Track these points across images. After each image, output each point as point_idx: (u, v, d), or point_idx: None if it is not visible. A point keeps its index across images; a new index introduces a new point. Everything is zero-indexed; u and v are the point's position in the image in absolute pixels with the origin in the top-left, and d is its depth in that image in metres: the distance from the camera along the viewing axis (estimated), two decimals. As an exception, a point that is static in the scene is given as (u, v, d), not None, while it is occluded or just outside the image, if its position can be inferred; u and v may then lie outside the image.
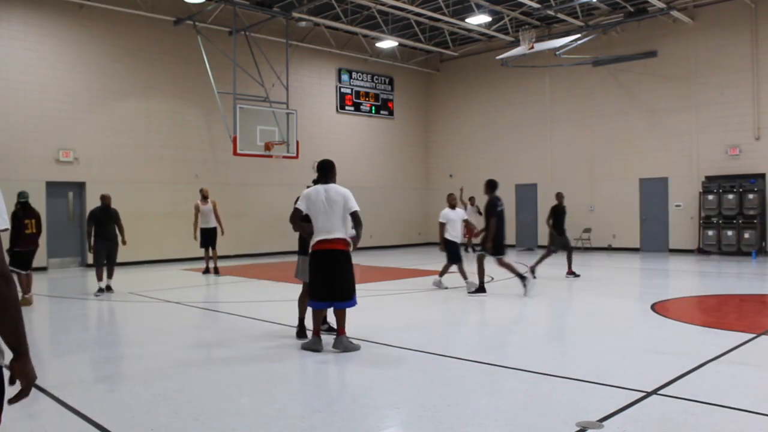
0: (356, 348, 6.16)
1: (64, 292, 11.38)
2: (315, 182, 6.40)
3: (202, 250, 13.89)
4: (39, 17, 15.20)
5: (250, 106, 16.37)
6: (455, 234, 10.66)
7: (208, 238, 13.66)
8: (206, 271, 13.86)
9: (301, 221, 6.18)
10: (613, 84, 19.31)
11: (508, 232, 21.59)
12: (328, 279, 6.05)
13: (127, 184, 16.33)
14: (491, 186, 10.13)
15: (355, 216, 6.11)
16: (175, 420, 4.20)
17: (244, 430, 4.00)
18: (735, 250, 16.62)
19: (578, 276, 12.35)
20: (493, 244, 9.92)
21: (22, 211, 9.54)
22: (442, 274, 10.99)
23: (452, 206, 10.89)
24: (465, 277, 10.50)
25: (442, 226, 10.72)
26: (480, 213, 18.18)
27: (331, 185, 6.20)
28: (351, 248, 6.21)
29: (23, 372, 1.96)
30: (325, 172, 6.29)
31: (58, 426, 4.18)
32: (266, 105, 16.97)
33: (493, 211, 9.90)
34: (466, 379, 5.23)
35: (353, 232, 6.25)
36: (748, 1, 16.60)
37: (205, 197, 13.85)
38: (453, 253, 10.67)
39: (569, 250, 12.62)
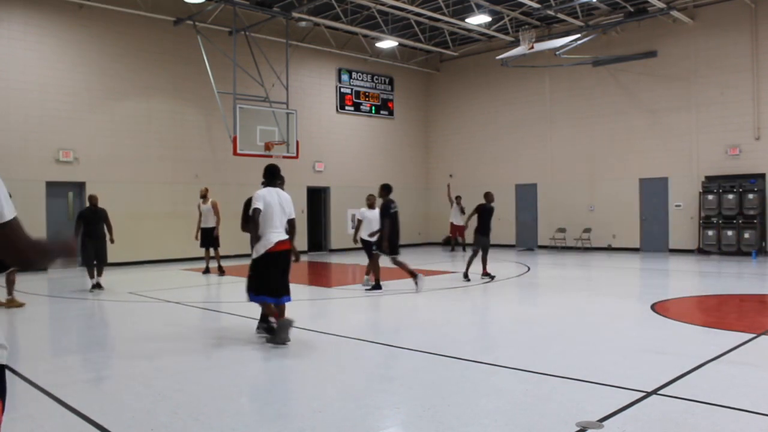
0: (288, 330, 6.44)
1: (63, 292, 11.38)
2: (264, 185, 6.71)
3: (203, 249, 13.89)
4: (39, 17, 15.20)
5: (250, 106, 16.37)
6: (369, 233, 11.06)
7: (208, 238, 13.65)
8: (206, 271, 13.85)
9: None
10: (613, 84, 19.31)
11: (508, 232, 21.89)
12: (283, 276, 6.51)
13: (127, 184, 16.33)
14: (385, 189, 10.77)
15: (292, 222, 6.61)
16: (175, 420, 4.20)
17: (244, 430, 4.00)
18: (735, 250, 16.62)
19: (493, 277, 12.08)
20: (388, 243, 10.51)
21: None
22: (368, 273, 11.30)
23: (371, 206, 11.30)
24: (367, 273, 11.13)
25: (360, 224, 11.20)
26: (463, 212, 18.64)
27: (279, 189, 6.66)
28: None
29: (62, 245, 1.98)
30: (273, 176, 6.70)
31: (58, 426, 4.18)
32: (266, 105, 16.97)
33: (387, 213, 10.53)
34: (466, 379, 5.23)
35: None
36: (748, 1, 16.60)
37: (203, 196, 13.82)
38: (367, 251, 11.12)
39: (486, 252, 12.32)
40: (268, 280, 6.44)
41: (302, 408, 4.43)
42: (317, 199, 21.12)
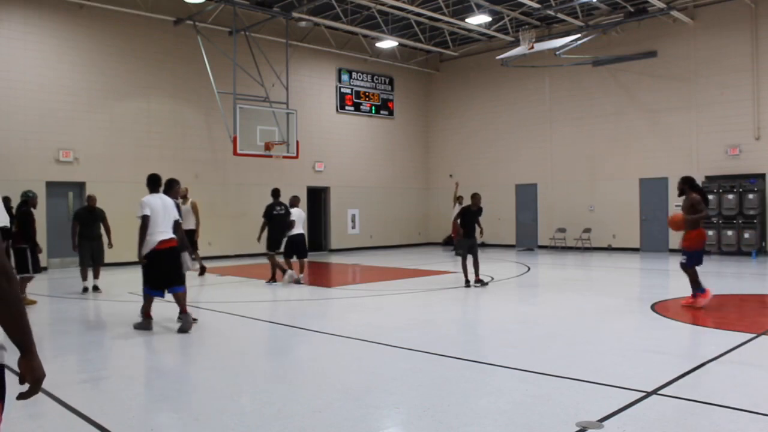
0: (191, 324, 7.34)
1: (63, 292, 11.37)
2: (151, 192, 7.62)
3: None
4: (39, 17, 15.20)
5: (250, 106, 16.37)
6: (296, 230, 12.19)
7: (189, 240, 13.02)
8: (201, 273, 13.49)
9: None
10: (613, 84, 19.31)
11: (508, 232, 21.84)
12: (170, 270, 7.40)
13: (127, 184, 16.31)
14: (274, 193, 12.14)
15: (177, 223, 7.58)
16: (175, 420, 4.20)
17: (244, 430, 4.00)
18: (735, 250, 16.62)
19: (486, 284, 11.32)
20: (268, 242, 11.94)
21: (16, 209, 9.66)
22: (289, 267, 12.13)
23: (294, 204, 12.39)
24: (283, 270, 11.92)
25: (293, 224, 12.12)
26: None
27: (162, 195, 7.58)
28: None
29: (29, 369, 1.95)
30: (156, 184, 7.63)
31: (58, 426, 4.18)
32: (266, 105, 16.97)
33: (269, 214, 11.87)
34: (466, 379, 5.22)
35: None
36: (748, 1, 16.60)
37: (183, 197, 12.25)
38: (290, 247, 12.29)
39: (475, 254, 11.25)
40: (160, 274, 7.34)
41: (302, 408, 4.43)
42: (317, 199, 21.12)
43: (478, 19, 18.59)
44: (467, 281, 11.07)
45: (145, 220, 7.22)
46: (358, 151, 21.97)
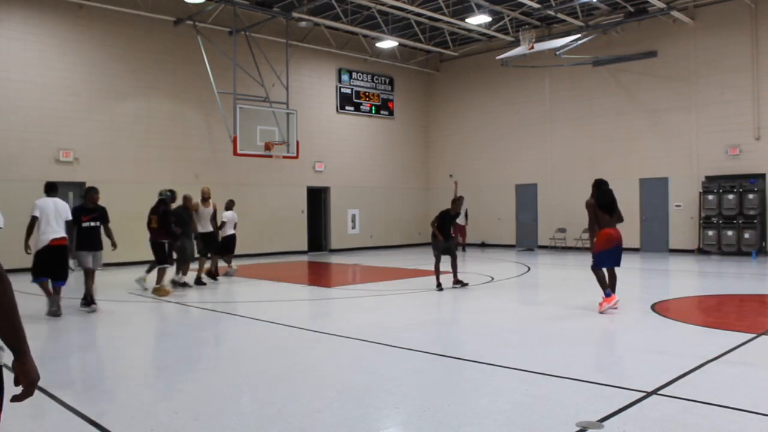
0: (60, 311, 8.45)
1: (63, 293, 11.34)
2: (47, 196, 8.65)
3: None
4: (39, 17, 15.20)
5: (250, 106, 16.37)
6: (229, 231, 13.22)
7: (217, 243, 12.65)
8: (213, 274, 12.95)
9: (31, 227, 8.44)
10: (613, 84, 19.32)
11: (508, 232, 21.84)
12: (56, 264, 8.40)
13: (127, 184, 16.33)
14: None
15: (69, 224, 8.60)
16: (175, 420, 4.20)
17: (244, 430, 4.00)
18: (735, 250, 16.62)
19: (466, 285, 11.07)
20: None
21: (152, 208, 10.74)
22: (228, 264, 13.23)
23: (229, 207, 13.36)
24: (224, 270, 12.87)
25: (223, 224, 13.05)
26: (465, 214, 19.21)
27: (56, 199, 8.61)
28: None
29: (23, 371, 1.96)
30: (51, 189, 8.75)
31: (58, 426, 4.18)
32: (266, 105, 16.97)
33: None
34: (466, 379, 5.23)
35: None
36: (748, 1, 16.60)
37: (205, 199, 12.27)
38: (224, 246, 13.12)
39: (453, 256, 11.17)
40: (46, 266, 8.35)
41: (302, 408, 4.43)
42: (317, 199, 21.12)
43: (478, 19, 18.59)
44: (439, 284, 10.66)
45: (32, 221, 8.38)
46: (358, 151, 21.97)
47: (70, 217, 8.60)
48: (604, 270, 8.49)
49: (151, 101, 16.97)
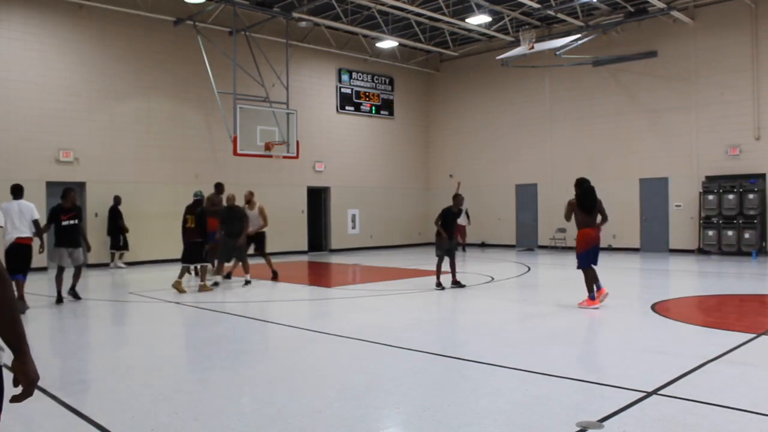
0: (24, 310, 8.71)
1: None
2: (13, 198, 9.23)
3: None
4: (39, 17, 15.19)
5: (250, 106, 16.36)
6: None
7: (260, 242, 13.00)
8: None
9: None
10: (613, 84, 19.31)
11: (508, 232, 21.83)
12: (21, 261, 8.99)
13: (127, 184, 16.33)
14: (114, 200, 12.88)
15: (36, 222, 9.15)
16: (175, 420, 4.20)
17: (244, 430, 4.00)
18: (735, 250, 16.62)
19: (464, 286, 11.06)
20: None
21: (188, 207, 11.03)
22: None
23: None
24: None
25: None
26: (466, 214, 19.50)
27: (21, 201, 9.18)
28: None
29: (23, 371, 1.96)
30: (16, 192, 9.25)
31: (58, 426, 4.18)
32: (266, 105, 16.96)
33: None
34: (466, 379, 5.23)
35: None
36: (748, 1, 16.60)
37: (249, 201, 12.93)
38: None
39: (453, 257, 11.22)
40: (11, 262, 8.86)
41: (302, 408, 4.43)
42: (317, 199, 21.12)
43: (478, 19, 18.58)
44: (439, 284, 10.71)
45: None
46: (358, 151, 21.96)
47: (36, 216, 9.12)
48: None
49: (151, 101, 16.97)
